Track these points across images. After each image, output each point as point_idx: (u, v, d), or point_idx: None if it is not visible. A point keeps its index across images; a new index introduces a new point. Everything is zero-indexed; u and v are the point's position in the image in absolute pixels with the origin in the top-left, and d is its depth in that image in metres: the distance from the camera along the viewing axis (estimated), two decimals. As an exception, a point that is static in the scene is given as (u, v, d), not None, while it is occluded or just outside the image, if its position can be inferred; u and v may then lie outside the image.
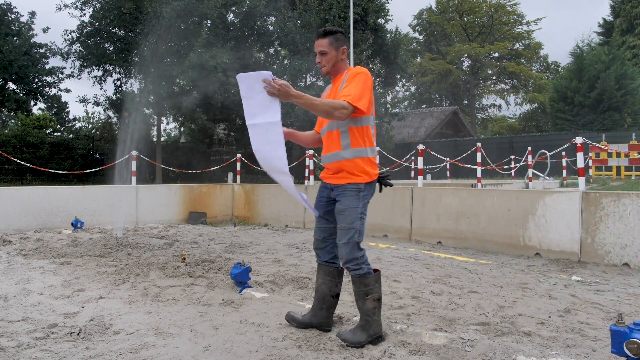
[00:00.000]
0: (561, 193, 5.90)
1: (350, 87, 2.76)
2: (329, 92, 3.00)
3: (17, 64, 17.26)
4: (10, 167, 18.27)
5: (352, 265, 2.78)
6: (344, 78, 2.87)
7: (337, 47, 2.88)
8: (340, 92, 2.80)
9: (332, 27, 2.93)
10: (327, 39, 2.87)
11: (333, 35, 2.88)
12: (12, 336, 2.87)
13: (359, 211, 2.81)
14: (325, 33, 2.89)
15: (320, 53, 2.89)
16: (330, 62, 2.89)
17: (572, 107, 27.09)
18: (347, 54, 2.95)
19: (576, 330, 3.04)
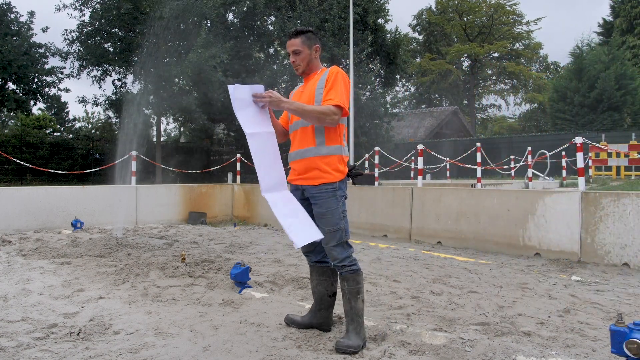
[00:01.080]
0: (561, 193, 5.90)
1: (333, 90, 2.77)
2: (301, 89, 2.99)
3: (17, 63, 17.24)
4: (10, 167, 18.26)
5: (347, 262, 2.77)
6: (320, 77, 2.86)
7: (310, 45, 2.90)
8: (324, 94, 2.79)
9: (302, 27, 2.94)
10: (300, 38, 2.88)
11: (304, 34, 2.89)
12: (11, 336, 2.86)
13: (340, 211, 2.80)
14: (297, 33, 2.90)
15: (294, 52, 2.89)
16: (305, 61, 2.90)
17: (572, 107, 27.11)
18: (319, 52, 2.96)
19: (576, 330, 3.04)
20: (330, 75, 2.82)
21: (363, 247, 6.30)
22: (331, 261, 2.82)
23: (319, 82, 2.85)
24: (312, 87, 2.87)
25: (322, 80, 2.84)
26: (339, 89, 2.77)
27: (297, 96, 2.97)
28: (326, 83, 2.81)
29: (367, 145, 19.61)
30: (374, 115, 20.88)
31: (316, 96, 2.81)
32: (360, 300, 2.78)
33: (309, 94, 2.87)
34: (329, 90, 2.78)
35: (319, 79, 2.87)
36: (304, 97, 2.89)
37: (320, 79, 2.86)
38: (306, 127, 2.84)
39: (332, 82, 2.79)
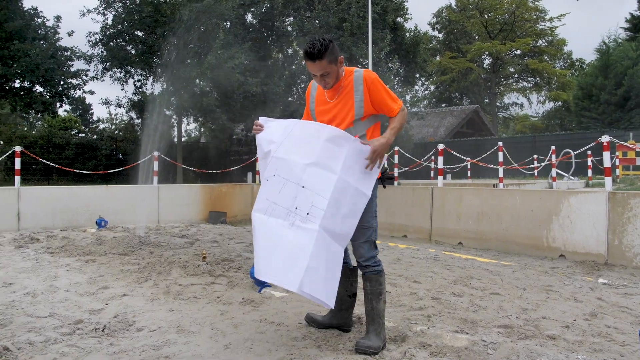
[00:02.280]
0: (587, 193, 5.78)
1: (385, 100, 2.72)
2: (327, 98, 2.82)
3: (44, 67, 17.65)
4: (38, 168, 18.71)
5: (371, 262, 2.76)
6: (354, 88, 2.72)
7: (336, 60, 2.68)
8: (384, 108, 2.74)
9: (322, 41, 2.63)
10: (325, 59, 2.61)
11: (327, 51, 2.61)
12: (40, 331, 2.93)
13: (372, 210, 2.79)
14: (320, 52, 2.59)
15: (323, 76, 2.67)
16: (334, 78, 2.72)
17: (598, 105, 26.52)
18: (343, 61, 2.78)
19: (603, 335, 2.97)
20: (371, 83, 2.70)
21: (382, 248, 6.27)
22: (357, 258, 2.80)
23: (355, 94, 2.72)
24: (349, 101, 2.74)
25: (359, 93, 2.71)
26: (387, 96, 2.73)
27: (325, 105, 2.83)
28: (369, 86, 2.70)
29: (387, 144, 19.49)
30: (394, 114, 20.76)
31: (356, 110, 2.73)
32: (382, 302, 2.76)
33: (347, 109, 2.75)
34: (380, 103, 2.72)
35: (352, 90, 2.73)
36: (339, 111, 2.77)
37: (356, 91, 2.72)
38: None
39: (377, 91, 2.70)
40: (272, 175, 2.70)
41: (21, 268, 4.77)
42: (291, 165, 2.65)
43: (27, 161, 16.47)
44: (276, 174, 2.68)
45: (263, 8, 20.45)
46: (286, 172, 2.65)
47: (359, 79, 2.73)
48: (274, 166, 2.72)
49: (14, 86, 18.86)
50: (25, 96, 18.76)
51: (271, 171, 2.72)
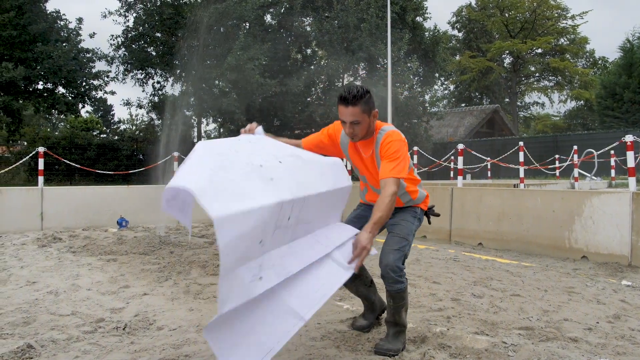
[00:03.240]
0: (610, 194, 5.66)
1: (390, 161, 2.55)
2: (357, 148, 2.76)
3: (66, 68, 18.01)
4: (60, 168, 19.06)
5: (396, 275, 2.56)
6: (378, 141, 2.64)
7: (369, 111, 2.57)
8: (381, 166, 2.57)
9: (360, 89, 2.54)
10: (359, 106, 2.51)
11: (363, 99, 2.52)
12: (62, 329, 2.99)
13: (413, 227, 2.75)
14: (355, 98, 2.50)
15: (353, 123, 2.55)
16: (364, 130, 2.60)
17: (621, 103, 25.95)
18: (377, 116, 2.66)
19: (627, 337, 2.91)
20: (384, 141, 2.61)
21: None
22: (383, 267, 2.58)
23: (376, 153, 2.67)
24: (372, 153, 2.69)
25: (378, 149, 2.65)
26: (396, 160, 2.55)
27: (356, 157, 2.77)
28: (385, 154, 2.59)
29: (405, 145, 19.40)
30: (413, 114, 20.65)
31: (376, 159, 2.69)
32: (404, 312, 2.73)
33: (371, 162, 2.72)
34: (388, 161, 2.55)
35: (377, 141, 2.66)
36: (369, 165, 2.73)
37: (376, 148, 2.65)
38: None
39: (388, 149, 2.59)
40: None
41: (44, 267, 4.87)
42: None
43: (50, 162, 16.80)
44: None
45: (282, 9, 20.53)
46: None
47: (379, 142, 2.65)
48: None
49: (37, 88, 19.29)
50: (48, 97, 19.17)
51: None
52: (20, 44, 17.35)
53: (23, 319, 3.16)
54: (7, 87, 17.11)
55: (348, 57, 19.60)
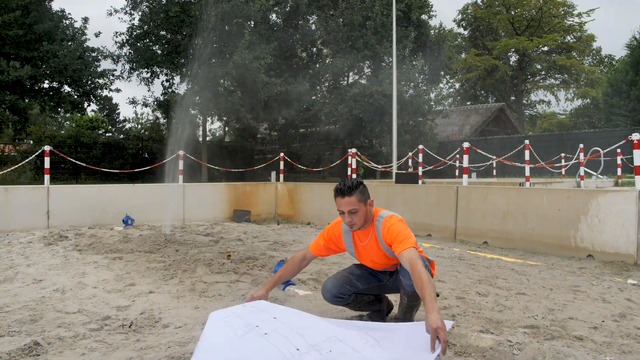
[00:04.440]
0: (616, 192, 5.63)
1: (400, 237, 2.70)
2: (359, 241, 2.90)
3: (72, 67, 18.10)
4: (66, 167, 19.18)
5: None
6: (378, 228, 2.80)
7: (365, 200, 2.76)
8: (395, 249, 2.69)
9: (354, 181, 2.76)
10: (355, 196, 2.71)
11: (357, 189, 2.73)
12: (69, 327, 3.01)
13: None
14: (350, 189, 2.71)
15: (351, 212, 2.73)
16: (362, 219, 2.77)
17: (628, 101, 25.79)
18: (373, 205, 2.85)
19: (632, 336, 2.90)
20: (388, 228, 2.74)
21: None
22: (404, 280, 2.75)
23: (379, 240, 2.81)
24: (376, 241, 2.83)
25: (380, 237, 2.79)
26: (402, 234, 2.70)
27: (364, 249, 2.90)
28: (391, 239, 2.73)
29: (410, 143, 19.39)
30: (418, 112, 20.61)
31: (384, 250, 2.82)
32: (415, 311, 2.88)
33: (377, 249, 2.84)
34: (398, 243, 2.68)
35: (375, 233, 2.82)
36: (373, 255, 2.87)
37: (378, 235, 2.80)
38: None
39: (395, 235, 2.71)
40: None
41: (50, 265, 4.90)
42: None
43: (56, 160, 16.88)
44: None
45: (287, 7, 20.53)
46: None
47: (379, 230, 2.80)
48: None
49: (43, 87, 19.40)
50: (54, 96, 19.28)
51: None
52: (26, 43, 17.45)
53: (30, 317, 3.19)
54: (14, 86, 17.22)
55: (353, 56, 19.58)
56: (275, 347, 2.26)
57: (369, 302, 3.05)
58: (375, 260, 2.92)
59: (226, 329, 2.46)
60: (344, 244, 2.96)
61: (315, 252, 2.97)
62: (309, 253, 2.96)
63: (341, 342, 2.32)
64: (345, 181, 2.77)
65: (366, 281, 2.99)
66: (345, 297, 2.95)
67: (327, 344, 2.29)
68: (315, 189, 9.72)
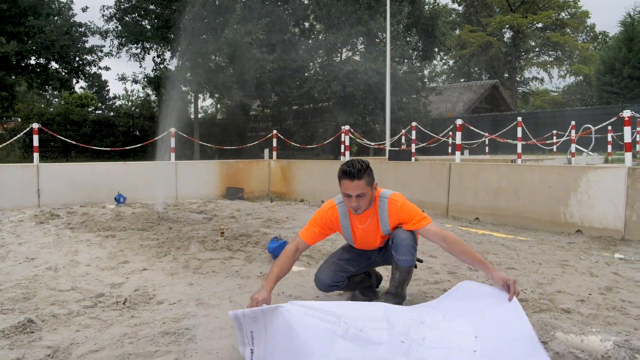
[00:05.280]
0: (606, 169, 5.68)
1: (415, 216, 2.73)
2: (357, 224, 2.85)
3: (59, 43, 17.75)
4: (56, 145, 19.01)
5: (411, 245, 2.73)
6: (382, 209, 2.76)
7: (372, 183, 2.68)
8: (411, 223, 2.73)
9: (362, 162, 2.65)
10: (364, 179, 2.60)
11: (366, 172, 2.63)
12: (62, 304, 3.03)
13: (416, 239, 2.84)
14: (360, 172, 2.59)
15: (358, 197, 2.63)
16: (367, 202, 2.69)
17: (620, 79, 25.82)
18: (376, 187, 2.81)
19: (618, 309, 2.97)
20: (395, 210, 2.73)
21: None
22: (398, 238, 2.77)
23: (381, 225, 2.80)
24: (377, 223, 2.81)
25: (385, 225, 2.78)
26: (418, 213, 2.75)
27: (360, 231, 2.87)
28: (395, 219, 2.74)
29: (404, 120, 19.36)
30: (411, 89, 20.52)
31: (383, 231, 2.82)
32: (406, 285, 2.91)
33: (375, 231, 2.83)
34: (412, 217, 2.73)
35: (378, 220, 2.79)
36: (370, 237, 2.86)
37: (382, 224, 2.78)
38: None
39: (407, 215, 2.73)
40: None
41: (42, 243, 4.90)
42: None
43: (45, 138, 16.71)
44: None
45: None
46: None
47: (384, 212, 2.76)
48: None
49: (30, 63, 19.05)
50: (42, 73, 18.94)
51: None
52: (11, 18, 17.05)
53: (23, 295, 3.20)
54: (0, 62, 16.90)
55: (346, 31, 19.34)
56: (389, 343, 2.09)
57: (360, 281, 3.08)
58: (370, 242, 2.92)
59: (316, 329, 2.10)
60: (341, 228, 2.90)
61: (310, 242, 2.88)
62: (302, 244, 2.85)
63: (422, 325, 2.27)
64: (354, 163, 2.63)
65: (356, 263, 3.00)
66: (339, 284, 2.95)
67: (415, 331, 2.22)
68: (308, 166, 9.71)
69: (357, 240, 2.93)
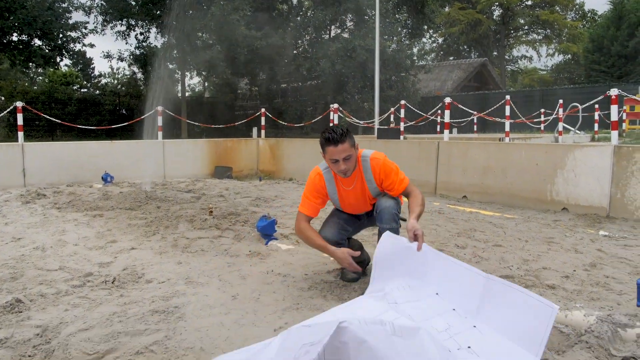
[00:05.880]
0: (592, 147, 5.73)
1: (398, 177, 2.87)
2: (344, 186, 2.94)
3: (41, 19, 17.31)
4: (41, 124, 18.70)
5: (394, 212, 2.86)
6: (365, 175, 2.89)
7: (354, 144, 2.78)
8: (392, 188, 2.88)
9: (341, 127, 2.76)
10: (347, 142, 2.71)
11: (348, 134, 2.73)
12: (51, 284, 3.01)
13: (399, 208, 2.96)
14: (342, 136, 2.69)
15: (345, 159, 2.73)
16: (354, 163, 2.80)
17: (608, 57, 25.92)
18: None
19: (601, 284, 3.03)
20: (381, 168, 2.85)
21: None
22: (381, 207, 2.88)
23: (368, 185, 2.90)
24: (363, 183, 2.91)
25: (372, 183, 2.89)
26: (397, 175, 2.87)
27: (347, 194, 2.97)
28: (380, 176, 2.86)
29: (393, 98, 19.29)
30: (400, 67, 20.39)
31: (370, 190, 2.92)
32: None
33: (362, 191, 2.94)
34: (391, 182, 2.86)
35: (364, 180, 2.90)
36: (358, 195, 2.95)
37: (369, 182, 2.89)
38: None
39: (387, 173, 2.85)
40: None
41: (29, 223, 4.85)
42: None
43: (29, 117, 16.43)
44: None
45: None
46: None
47: (368, 170, 2.88)
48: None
49: (12, 40, 18.58)
50: (24, 50, 18.50)
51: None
52: (-9, -7, 16.58)
53: (10, 275, 3.18)
54: (-19, 38, 16.47)
55: (335, 8, 19.09)
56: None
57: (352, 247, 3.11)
58: (360, 206, 3.03)
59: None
60: (328, 194, 3.01)
61: (315, 214, 3.01)
62: (309, 218, 3.00)
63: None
64: (334, 129, 2.74)
65: (351, 222, 3.14)
66: (343, 243, 3.05)
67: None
68: (297, 145, 9.68)
69: (345, 205, 3.04)
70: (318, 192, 2.98)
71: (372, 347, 1.72)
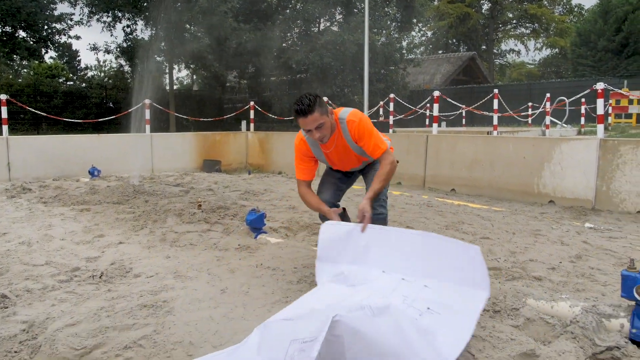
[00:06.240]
0: (578, 140, 5.80)
1: (371, 141, 2.84)
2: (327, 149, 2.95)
3: (25, 10, 17.01)
4: (26, 117, 18.41)
5: (382, 198, 2.94)
6: (344, 136, 2.87)
7: (326, 111, 2.75)
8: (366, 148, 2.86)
9: (309, 96, 2.71)
10: (317, 111, 2.67)
11: (316, 103, 2.69)
12: (37, 279, 2.98)
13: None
14: (310, 107, 2.66)
15: (318, 128, 2.72)
16: (329, 129, 2.78)
17: (595, 52, 26.15)
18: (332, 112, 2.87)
19: (586, 276, 3.07)
20: (357, 129, 2.82)
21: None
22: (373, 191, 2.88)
23: (348, 142, 2.90)
24: (344, 144, 2.91)
25: (348, 137, 2.87)
26: (373, 136, 2.84)
27: (332, 154, 2.97)
28: (360, 137, 2.84)
29: (382, 92, 19.29)
30: (390, 61, 20.37)
31: (353, 149, 2.93)
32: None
33: (345, 151, 2.94)
34: (366, 143, 2.84)
35: (345, 141, 2.89)
36: (342, 154, 2.96)
37: (346, 138, 2.87)
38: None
39: (362, 134, 2.83)
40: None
41: (14, 218, 4.79)
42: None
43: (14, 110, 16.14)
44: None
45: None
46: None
47: (346, 131, 2.86)
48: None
49: (-5, 32, 18.27)
50: (8, 42, 18.19)
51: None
52: (-27, -16, 16.25)
53: (-4, 269, 3.14)
54: (-37, 30, 16.16)
55: (324, 1, 19.00)
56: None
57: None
58: (349, 162, 3.05)
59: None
60: (314, 155, 3.05)
61: (312, 177, 3.05)
62: (308, 183, 3.03)
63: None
64: (302, 99, 2.70)
65: (345, 180, 3.24)
66: (338, 205, 3.12)
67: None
68: (286, 138, 9.65)
69: (334, 163, 3.09)
70: (306, 155, 3.03)
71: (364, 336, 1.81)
